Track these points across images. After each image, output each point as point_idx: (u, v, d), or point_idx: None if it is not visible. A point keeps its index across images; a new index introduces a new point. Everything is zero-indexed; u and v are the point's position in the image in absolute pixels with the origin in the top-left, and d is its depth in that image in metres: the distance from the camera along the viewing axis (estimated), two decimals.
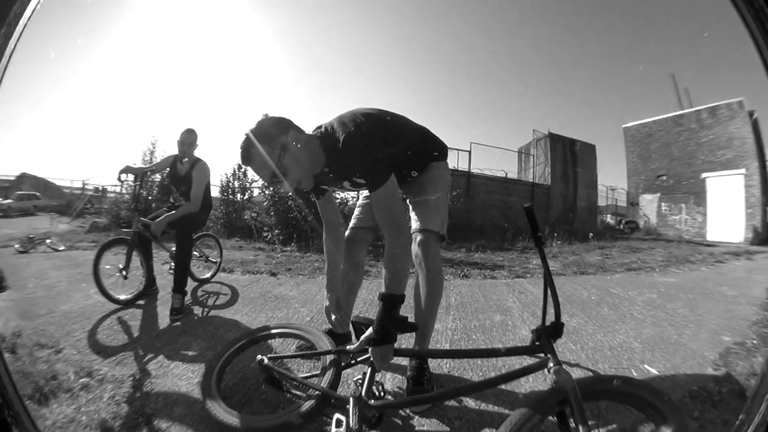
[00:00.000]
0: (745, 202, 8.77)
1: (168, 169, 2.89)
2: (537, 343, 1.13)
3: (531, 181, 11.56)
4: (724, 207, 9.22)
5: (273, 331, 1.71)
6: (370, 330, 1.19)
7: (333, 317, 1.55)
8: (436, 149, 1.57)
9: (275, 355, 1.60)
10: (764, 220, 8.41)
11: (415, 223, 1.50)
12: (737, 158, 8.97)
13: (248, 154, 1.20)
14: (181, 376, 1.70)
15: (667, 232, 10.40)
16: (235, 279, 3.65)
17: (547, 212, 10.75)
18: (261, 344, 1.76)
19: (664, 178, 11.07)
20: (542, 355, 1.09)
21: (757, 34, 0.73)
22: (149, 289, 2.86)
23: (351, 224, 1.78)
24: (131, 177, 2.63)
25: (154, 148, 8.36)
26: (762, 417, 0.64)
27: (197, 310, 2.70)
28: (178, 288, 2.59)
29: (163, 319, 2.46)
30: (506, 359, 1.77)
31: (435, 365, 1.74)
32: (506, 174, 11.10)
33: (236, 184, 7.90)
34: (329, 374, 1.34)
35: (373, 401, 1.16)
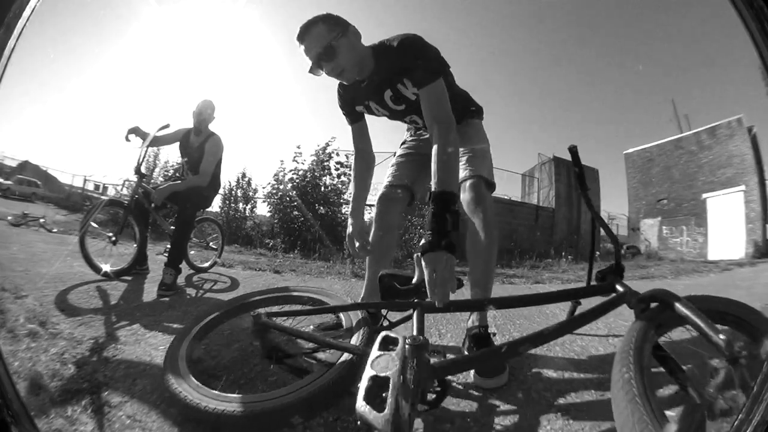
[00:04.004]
0: (746, 218, 8.62)
1: (179, 141, 2.74)
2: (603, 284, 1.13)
3: (535, 204, 11.53)
4: (725, 226, 9.09)
5: (274, 295, 1.44)
6: (423, 241, 0.96)
7: (357, 244, 1.43)
8: (474, 106, 1.60)
9: (276, 310, 1.24)
10: (764, 235, 8.26)
11: (463, 171, 1.42)
12: (737, 176, 8.92)
13: (308, 26, 1.24)
14: (157, 347, 1.40)
15: (668, 255, 10.22)
16: (235, 273, 3.44)
17: (551, 235, 10.65)
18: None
19: (665, 201, 11.05)
20: (613, 294, 1.09)
21: (756, 34, 0.71)
22: (138, 267, 2.62)
23: (386, 182, 1.71)
24: (139, 140, 2.51)
25: (158, 150, 8.24)
26: (762, 417, 0.62)
27: (191, 292, 2.45)
28: (172, 262, 2.34)
29: (150, 295, 2.20)
30: None
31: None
32: (509, 197, 11.11)
33: (239, 193, 7.71)
34: (358, 335, 1.07)
35: (434, 359, 0.82)
